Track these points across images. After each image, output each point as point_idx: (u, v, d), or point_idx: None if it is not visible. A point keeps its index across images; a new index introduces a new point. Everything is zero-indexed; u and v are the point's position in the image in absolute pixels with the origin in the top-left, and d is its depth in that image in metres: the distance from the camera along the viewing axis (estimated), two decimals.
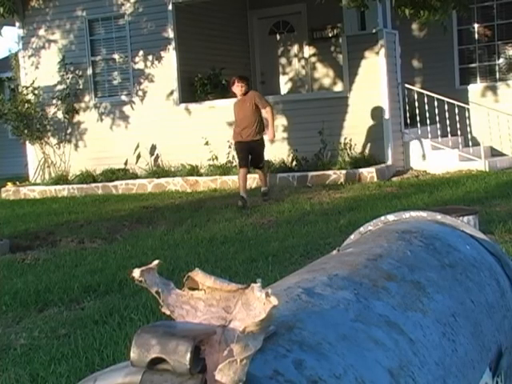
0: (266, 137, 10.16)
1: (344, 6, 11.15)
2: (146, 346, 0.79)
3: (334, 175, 11.54)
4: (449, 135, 12.32)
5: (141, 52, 13.55)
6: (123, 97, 13.87)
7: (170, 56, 13.27)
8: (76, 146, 14.24)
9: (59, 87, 14.09)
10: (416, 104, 12.51)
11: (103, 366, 3.24)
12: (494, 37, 13.50)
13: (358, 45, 12.07)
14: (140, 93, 13.63)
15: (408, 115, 12.53)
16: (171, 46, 13.24)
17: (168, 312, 0.85)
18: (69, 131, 14.24)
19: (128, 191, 12.71)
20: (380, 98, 11.90)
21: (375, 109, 11.90)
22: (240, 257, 6.17)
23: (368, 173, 11.37)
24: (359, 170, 11.44)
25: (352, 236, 1.70)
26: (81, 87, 14.09)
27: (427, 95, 12.32)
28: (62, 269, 6.32)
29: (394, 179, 11.44)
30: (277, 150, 12.38)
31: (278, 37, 15.75)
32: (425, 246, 1.42)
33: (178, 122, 13.09)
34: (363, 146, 11.92)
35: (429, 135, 12.27)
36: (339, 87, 14.18)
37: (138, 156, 13.33)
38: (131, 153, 13.34)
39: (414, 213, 1.68)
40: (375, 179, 11.26)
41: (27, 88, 14.26)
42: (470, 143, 12.30)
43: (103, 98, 14.06)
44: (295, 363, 0.85)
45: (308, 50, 15.39)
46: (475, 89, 13.44)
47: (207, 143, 12.33)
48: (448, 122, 12.21)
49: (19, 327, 4.56)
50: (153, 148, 13.43)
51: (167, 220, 8.93)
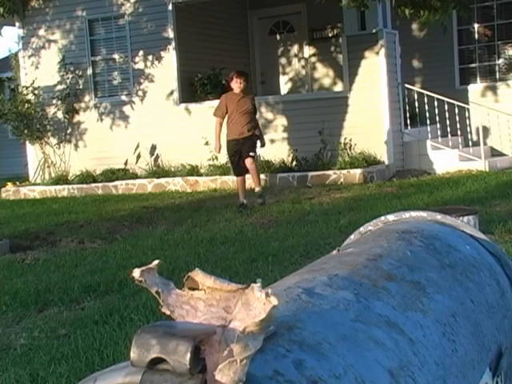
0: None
1: (344, 6, 11.15)
2: (146, 346, 0.79)
3: (334, 175, 11.54)
4: (449, 135, 12.32)
5: (141, 52, 13.55)
6: (123, 97, 13.87)
7: (170, 56, 13.27)
8: (76, 146, 14.24)
9: (59, 87, 14.09)
10: (416, 104, 12.51)
11: (103, 366, 3.24)
12: (494, 37, 13.50)
13: (358, 45, 12.08)
14: (140, 93, 13.63)
15: (408, 115, 12.53)
16: (171, 46, 13.24)
17: (168, 312, 0.85)
18: (69, 131, 14.25)
19: (128, 191, 12.71)
20: (380, 98, 11.90)
21: (375, 109, 11.90)
22: (240, 257, 6.17)
23: (368, 173, 11.37)
24: (359, 170, 11.44)
25: (352, 236, 1.70)
26: (81, 87, 14.10)
27: (427, 95, 12.32)
28: (62, 269, 6.31)
29: (394, 179, 11.44)
30: (277, 150, 12.38)
31: (278, 37, 15.75)
32: (425, 246, 1.42)
33: (178, 122, 13.10)
34: (363, 146, 11.92)
35: (429, 135, 12.27)
36: (339, 87, 14.18)
37: (138, 156, 13.33)
38: (131, 153, 13.35)
39: (414, 213, 1.68)
40: (375, 179, 11.26)
41: (27, 88, 14.26)
42: (470, 143, 12.30)
43: (103, 98, 14.06)
44: (295, 363, 0.85)
45: (308, 50, 15.39)
46: (475, 89, 13.44)
47: (207, 143, 12.32)
48: (448, 122, 12.21)
49: (19, 327, 4.56)
50: (153, 148, 13.43)
51: (167, 220, 8.93)
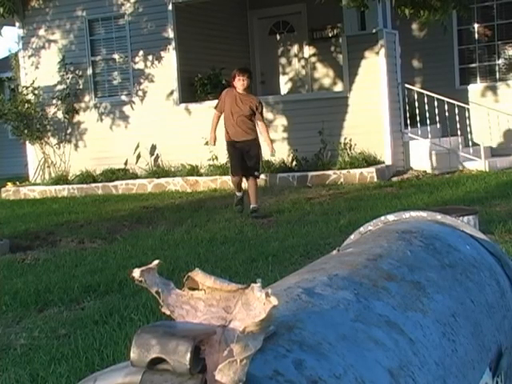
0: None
1: (344, 6, 11.15)
2: (146, 346, 0.79)
3: (334, 175, 11.54)
4: (449, 135, 12.32)
5: (141, 52, 13.55)
6: (123, 97, 13.87)
7: (170, 56, 13.27)
8: (76, 146, 14.24)
9: (59, 87, 14.09)
10: (416, 104, 12.50)
11: (103, 366, 3.24)
12: (494, 37, 13.50)
13: (358, 45, 12.07)
14: (140, 93, 13.63)
15: (408, 115, 12.53)
16: (171, 46, 13.24)
17: (168, 312, 0.85)
18: (69, 131, 14.25)
19: (128, 191, 12.71)
20: (380, 98, 11.89)
21: (375, 109, 11.90)
22: (240, 257, 6.17)
23: (368, 173, 11.37)
24: (359, 170, 11.44)
25: (352, 236, 1.70)
26: (81, 87, 14.10)
27: (427, 95, 12.31)
28: (62, 269, 6.31)
29: (394, 179, 11.44)
30: (277, 150, 12.33)
31: (278, 37, 15.75)
32: (425, 246, 1.42)
33: (178, 122, 13.10)
34: (363, 146, 11.91)
35: (429, 135, 12.27)
36: (339, 87, 14.18)
37: (138, 156, 13.33)
38: (131, 153, 13.35)
39: (414, 213, 1.68)
40: (375, 179, 11.26)
41: (27, 88, 14.26)
42: (470, 143, 12.30)
43: (103, 98, 14.06)
44: (295, 363, 0.85)
45: (308, 50, 15.39)
46: (475, 89, 13.44)
47: (207, 143, 12.30)
48: (448, 122, 12.21)
49: (19, 327, 4.56)
50: (153, 148, 13.43)
51: (167, 220, 8.93)
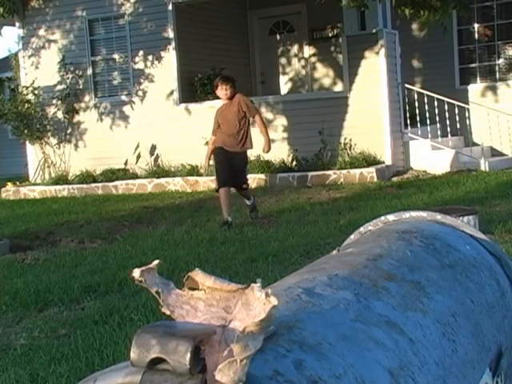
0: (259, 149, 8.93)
1: (344, 6, 11.15)
2: (146, 346, 0.79)
3: (334, 175, 11.54)
4: (449, 135, 12.32)
5: (141, 52, 13.55)
6: (123, 97, 13.87)
7: (170, 56, 13.27)
8: (76, 146, 14.25)
9: (59, 87, 14.09)
10: (416, 104, 12.51)
11: (103, 366, 3.24)
12: (494, 37, 13.50)
13: (358, 45, 12.07)
14: (140, 93, 13.63)
15: (408, 115, 12.53)
16: (171, 46, 13.24)
17: (168, 312, 0.85)
18: (69, 131, 14.25)
19: (128, 191, 12.71)
20: (380, 98, 11.90)
21: (375, 109, 11.90)
22: (240, 257, 6.17)
23: (368, 173, 11.37)
24: (359, 170, 11.44)
25: (352, 236, 1.70)
26: (81, 87, 14.10)
27: (427, 95, 12.32)
28: (62, 269, 6.31)
29: (394, 179, 11.44)
30: (277, 150, 12.37)
31: (278, 37, 15.75)
32: (425, 246, 1.42)
33: (178, 122, 13.09)
34: (363, 146, 11.92)
35: (429, 135, 12.27)
36: (339, 87, 14.18)
37: (138, 156, 13.33)
38: (131, 153, 13.35)
39: (414, 213, 1.68)
40: (375, 179, 11.26)
41: (27, 88, 14.26)
42: (470, 143, 12.30)
43: (103, 98, 14.06)
44: (295, 363, 0.85)
45: (308, 50, 15.39)
46: (475, 89, 13.44)
47: (207, 143, 12.31)
48: (448, 122, 12.21)
49: (19, 327, 4.56)
50: (153, 148, 13.43)
51: (167, 220, 8.93)
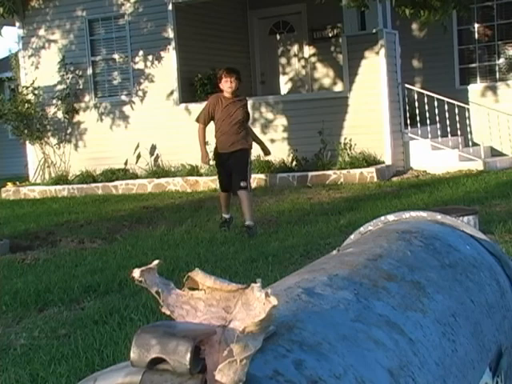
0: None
1: (344, 6, 11.15)
2: (146, 346, 0.79)
3: (334, 175, 11.54)
4: (449, 135, 12.32)
5: (141, 52, 13.55)
6: (123, 97, 13.87)
7: (170, 56, 13.27)
8: (76, 146, 14.25)
9: (59, 87, 14.09)
10: (416, 104, 12.51)
11: (103, 366, 3.25)
12: (494, 37, 13.50)
13: (358, 45, 12.07)
14: (140, 93, 13.63)
15: (408, 115, 12.53)
16: (171, 46, 13.24)
17: (168, 312, 0.85)
18: (69, 131, 14.25)
19: (128, 191, 12.71)
20: (380, 98, 11.90)
21: (375, 109, 11.90)
22: (240, 257, 6.17)
23: (368, 173, 11.37)
24: (359, 170, 11.44)
25: (352, 236, 1.70)
26: (81, 87, 14.10)
27: (427, 95, 12.32)
28: (62, 269, 6.32)
29: (394, 179, 11.44)
30: (277, 150, 12.36)
31: (278, 37, 15.75)
32: (425, 246, 1.42)
33: (178, 122, 13.09)
34: (363, 146, 11.92)
35: (429, 135, 12.27)
36: (339, 87, 14.18)
37: (138, 156, 13.33)
38: (131, 153, 13.35)
39: (414, 213, 1.68)
40: (375, 179, 11.26)
41: (27, 88, 14.27)
42: (470, 143, 12.30)
43: (103, 98, 14.07)
44: (295, 363, 0.85)
45: (308, 50, 15.39)
46: (475, 89, 13.44)
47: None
48: (448, 122, 12.21)
49: (19, 327, 4.56)
50: (153, 148, 13.44)
51: (167, 220, 8.93)
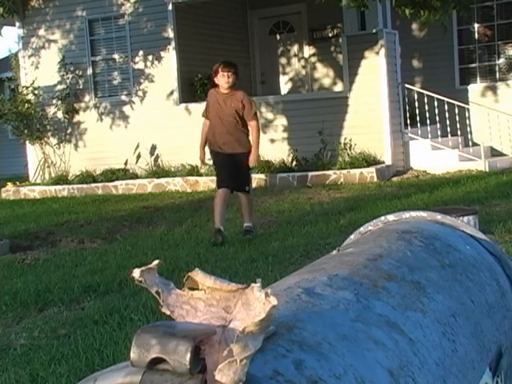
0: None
1: (344, 6, 11.15)
2: (146, 346, 0.79)
3: (334, 175, 11.54)
4: (449, 135, 12.32)
5: (141, 52, 13.55)
6: (123, 97, 13.87)
7: (170, 56, 13.27)
8: (76, 146, 14.25)
9: (59, 87, 14.09)
10: (416, 104, 12.51)
11: (103, 366, 3.24)
12: (494, 37, 13.50)
13: (358, 45, 12.07)
14: (140, 93, 13.63)
15: (408, 115, 12.53)
16: (171, 46, 13.24)
17: (168, 312, 0.85)
18: (69, 131, 14.25)
19: (128, 191, 12.71)
20: (380, 98, 11.90)
21: (375, 109, 11.90)
22: (240, 257, 6.17)
23: (368, 173, 11.37)
24: (359, 170, 11.44)
25: (352, 236, 1.70)
26: (81, 87, 14.10)
27: (427, 95, 12.32)
28: (62, 269, 6.32)
29: (394, 179, 11.44)
30: (277, 150, 12.38)
31: (278, 37, 15.75)
32: (425, 246, 1.42)
33: (178, 122, 13.09)
34: (363, 146, 11.92)
35: (429, 135, 12.27)
36: (339, 87, 14.18)
37: (138, 156, 13.33)
38: (131, 153, 13.35)
39: (414, 213, 1.68)
40: (375, 179, 11.26)
41: (27, 88, 14.27)
42: (470, 143, 12.30)
43: (103, 98, 14.07)
44: (295, 363, 0.85)
45: (308, 50, 15.39)
46: (475, 89, 13.44)
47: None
48: (448, 122, 12.21)
49: (19, 327, 4.56)
50: (153, 148, 13.43)
51: (167, 220, 8.93)
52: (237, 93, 7.14)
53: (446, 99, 12.27)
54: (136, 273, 0.85)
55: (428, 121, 12.33)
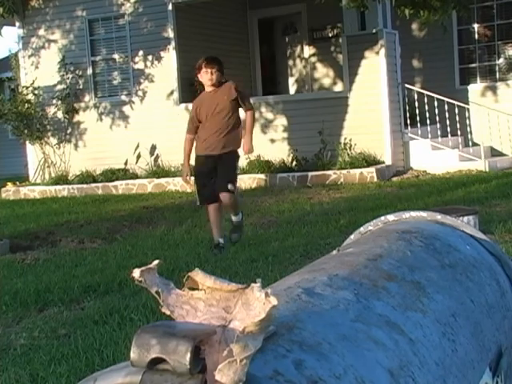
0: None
1: (344, 6, 11.15)
2: (146, 346, 0.79)
3: (334, 175, 11.54)
4: (449, 135, 12.32)
5: (141, 52, 13.55)
6: (123, 97, 13.87)
7: (170, 56, 13.27)
8: (76, 146, 14.25)
9: (59, 87, 14.09)
10: (416, 104, 12.50)
11: (103, 366, 3.24)
12: (494, 37, 13.50)
13: (358, 45, 12.07)
14: (140, 93, 13.63)
15: (408, 115, 12.53)
16: (171, 46, 13.24)
17: (168, 312, 0.85)
18: (69, 131, 14.25)
19: (128, 191, 12.71)
20: (380, 98, 11.90)
21: (375, 109, 11.90)
22: (240, 257, 6.17)
23: (368, 173, 11.37)
24: (359, 170, 11.44)
25: (352, 236, 1.70)
26: (81, 87, 14.10)
27: (427, 95, 12.32)
28: (62, 269, 6.32)
29: (394, 179, 11.44)
30: (277, 150, 12.37)
31: (287, 39, 15.75)
32: (425, 246, 1.42)
33: (178, 122, 13.06)
34: (363, 146, 11.92)
35: (429, 135, 12.27)
36: (339, 87, 14.18)
37: (138, 156, 13.33)
38: (131, 153, 13.35)
39: (414, 213, 1.68)
40: (375, 179, 11.26)
41: (27, 88, 14.27)
42: (470, 143, 12.30)
43: (103, 98, 14.07)
44: (295, 363, 0.85)
45: (308, 50, 15.39)
46: (475, 89, 13.44)
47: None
48: (448, 122, 12.21)
49: (19, 327, 4.56)
50: (153, 148, 13.43)
51: (167, 220, 8.93)
52: (225, 84, 6.57)
53: (446, 99, 12.27)
54: (136, 273, 0.85)
55: (428, 121, 12.33)
